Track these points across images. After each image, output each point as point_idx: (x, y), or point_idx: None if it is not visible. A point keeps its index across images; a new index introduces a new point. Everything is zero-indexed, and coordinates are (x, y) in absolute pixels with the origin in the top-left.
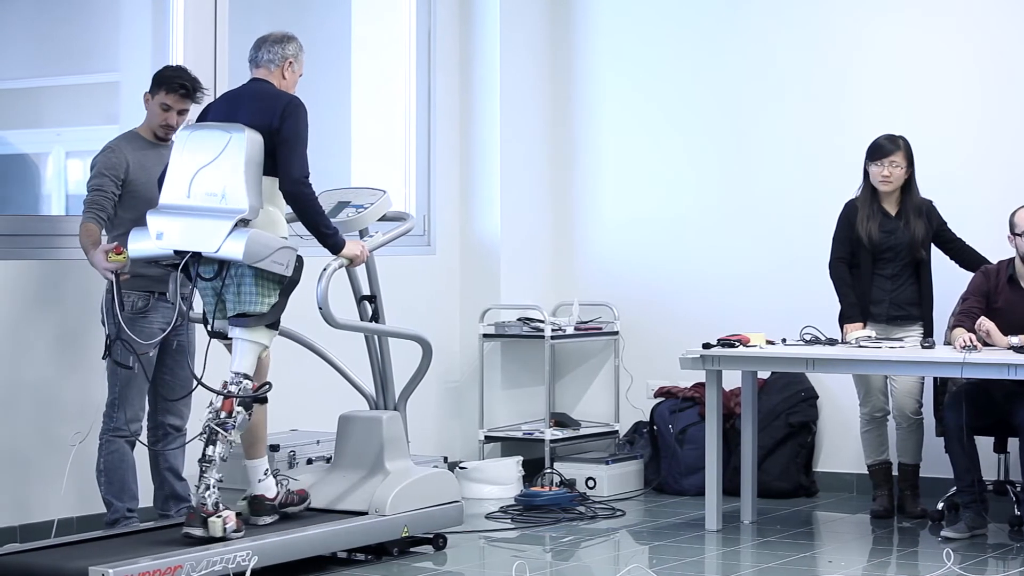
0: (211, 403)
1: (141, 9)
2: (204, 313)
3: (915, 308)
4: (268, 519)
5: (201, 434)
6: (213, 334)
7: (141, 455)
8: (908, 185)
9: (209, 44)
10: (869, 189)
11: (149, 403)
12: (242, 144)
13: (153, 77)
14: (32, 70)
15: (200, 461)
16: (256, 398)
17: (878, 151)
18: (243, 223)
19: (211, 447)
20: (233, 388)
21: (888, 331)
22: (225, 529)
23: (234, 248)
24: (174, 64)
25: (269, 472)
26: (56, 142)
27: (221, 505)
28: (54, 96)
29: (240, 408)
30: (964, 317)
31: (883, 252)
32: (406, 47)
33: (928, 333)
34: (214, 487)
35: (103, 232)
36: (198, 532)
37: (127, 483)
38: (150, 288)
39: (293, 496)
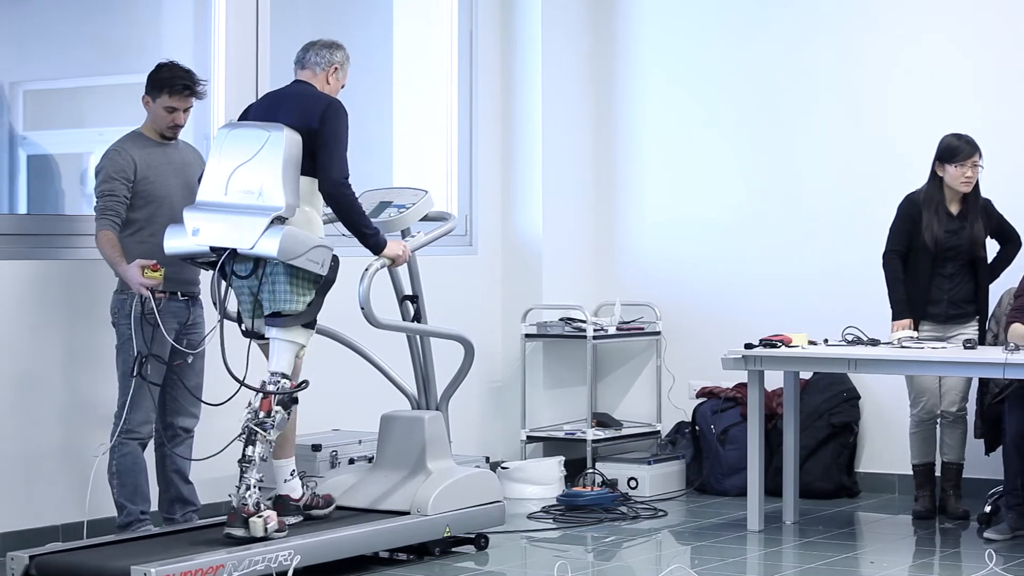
0: (249, 403)
1: (183, 9)
2: (239, 313)
3: (971, 305)
4: (292, 520)
5: (240, 435)
6: (248, 334)
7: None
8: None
9: (251, 44)
10: (937, 188)
11: (159, 404)
12: (280, 143)
13: (149, 80)
14: (75, 70)
15: (240, 462)
16: (293, 395)
17: (959, 152)
18: (280, 221)
19: (250, 447)
20: (271, 388)
21: (946, 329)
22: (267, 529)
23: (269, 245)
24: (167, 62)
25: (296, 473)
26: (99, 142)
27: (262, 504)
28: (97, 96)
29: (279, 408)
30: (1019, 313)
31: (945, 251)
32: (448, 47)
33: (984, 329)
34: (255, 487)
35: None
36: (239, 532)
37: (140, 486)
38: (162, 289)
39: (319, 499)
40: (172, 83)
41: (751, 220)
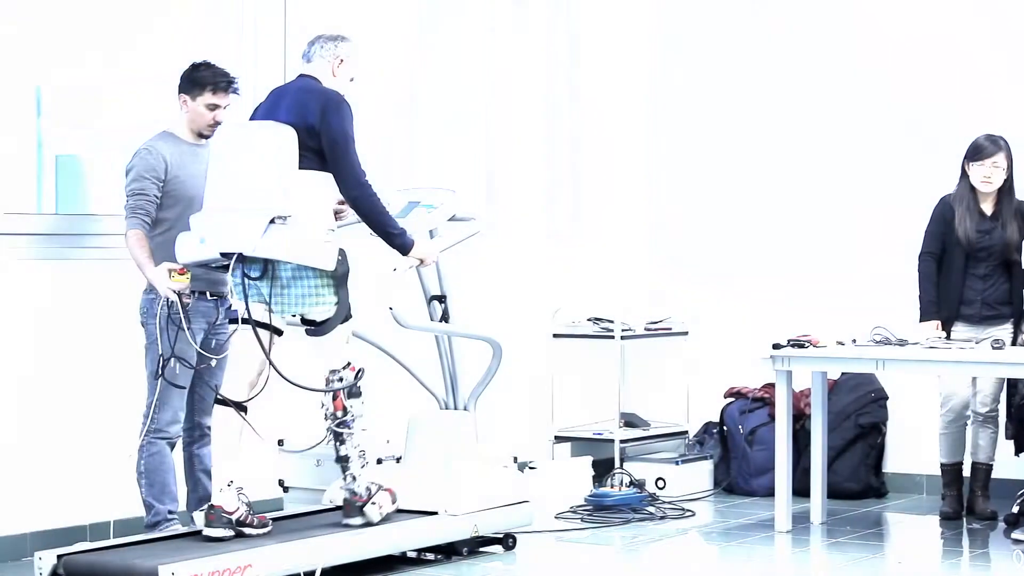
0: (323, 405)
1: (211, 10)
2: (247, 308)
3: (1006, 307)
4: (222, 532)
5: (326, 439)
6: (253, 322)
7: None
8: (1007, 186)
9: (279, 46)
10: (967, 188)
11: (186, 404)
12: (271, 140)
13: (188, 79)
14: (103, 70)
15: (336, 461)
16: (356, 383)
17: (980, 152)
18: (281, 219)
19: (341, 446)
20: (336, 384)
21: (980, 331)
22: (382, 513)
23: (270, 245)
24: (203, 61)
25: (233, 485)
26: (127, 141)
27: (372, 488)
28: (125, 96)
29: (351, 401)
30: None
31: (977, 252)
32: (474, 45)
33: (1018, 331)
34: (360, 476)
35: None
36: (356, 522)
37: (168, 485)
38: (189, 291)
39: (253, 518)
40: (215, 80)
41: (780, 220)
